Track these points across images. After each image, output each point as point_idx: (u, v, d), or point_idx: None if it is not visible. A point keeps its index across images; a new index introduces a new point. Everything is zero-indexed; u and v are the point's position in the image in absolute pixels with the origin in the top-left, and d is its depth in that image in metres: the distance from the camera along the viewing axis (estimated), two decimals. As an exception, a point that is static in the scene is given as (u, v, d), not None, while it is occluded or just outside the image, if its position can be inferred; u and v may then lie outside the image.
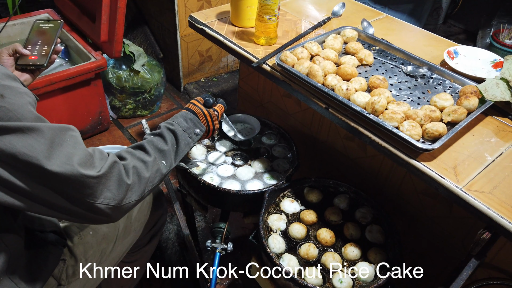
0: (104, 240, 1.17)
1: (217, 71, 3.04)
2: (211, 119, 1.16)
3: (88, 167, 0.80)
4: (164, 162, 0.99)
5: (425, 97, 1.25)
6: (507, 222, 0.89)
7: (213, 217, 2.08)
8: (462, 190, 0.96)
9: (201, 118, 1.13)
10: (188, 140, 1.07)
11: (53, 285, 1.05)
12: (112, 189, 0.84)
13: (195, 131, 1.09)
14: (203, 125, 1.12)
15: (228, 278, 1.82)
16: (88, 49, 2.17)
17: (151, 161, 0.94)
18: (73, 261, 1.10)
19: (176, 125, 1.06)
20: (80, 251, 1.12)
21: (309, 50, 1.38)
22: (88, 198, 0.81)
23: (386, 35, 1.56)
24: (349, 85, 1.20)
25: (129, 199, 0.88)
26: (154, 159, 0.96)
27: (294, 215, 1.33)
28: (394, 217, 1.35)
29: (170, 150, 1.01)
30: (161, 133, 1.03)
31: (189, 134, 1.07)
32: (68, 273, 1.08)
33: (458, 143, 1.09)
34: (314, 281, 1.13)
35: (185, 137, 1.06)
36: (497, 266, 1.23)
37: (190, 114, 1.11)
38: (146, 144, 0.98)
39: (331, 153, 1.68)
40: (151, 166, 0.94)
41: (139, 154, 0.95)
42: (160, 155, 0.99)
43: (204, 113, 1.14)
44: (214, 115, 1.17)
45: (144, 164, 0.93)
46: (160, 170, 0.97)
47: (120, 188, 0.86)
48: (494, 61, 1.39)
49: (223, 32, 1.57)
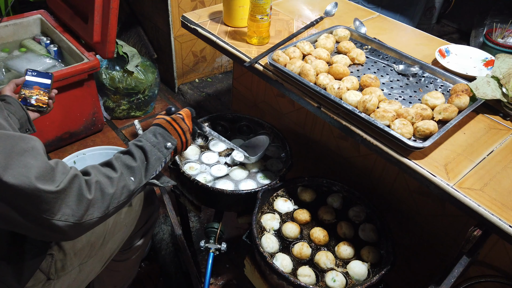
0: (93, 234, 1.16)
1: (211, 71, 3.04)
2: (176, 124, 1.10)
3: (47, 181, 0.77)
4: (132, 178, 0.96)
5: (417, 96, 1.26)
6: (497, 219, 0.90)
7: (207, 218, 2.08)
8: (453, 187, 0.96)
9: (166, 127, 1.08)
10: (159, 155, 1.03)
11: (42, 280, 1.04)
12: (71, 205, 0.81)
13: (166, 145, 1.05)
14: (174, 138, 1.08)
15: (222, 278, 1.82)
16: (81, 50, 2.16)
17: (117, 177, 0.91)
18: (62, 255, 1.08)
19: (145, 141, 1.02)
20: (69, 245, 1.10)
21: (301, 50, 1.39)
22: (45, 214, 0.78)
23: (378, 34, 1.57)
24: (340, 84, 1.20)
25: (90, 215, 0.85)
26: (121, 174, 0.93)
27: (288, 215, 1.33)
28: (387, 215, 1.36)
29: (139, 166, 0.98)
30: (129, 150, 1.00)
31: (159, 149, 1.03)
32: (57, 267, 1.07)
33: (449, 141, 1.10)
34: (307, 280, 1.13)
35: (155, 152, 1.02)
36: (490, 264, 1.24)
37: (159, 128, 1.07)
38: (113, 160, 0.95)
39: (324, 153, 1.68)
40: (117, 182, 0.91)
41: (104, 170, 0.92)
42: (128, 171, 0.95)
43: (168, 120, 1.10)
44: (178, 117, 1.12)
45: (109, 180, 0.90)
46: (127, 186, 0.93)
47: (80, 204, 0.82)
48: (485, 59, 1.40)
49: (215, 32, 1.56)
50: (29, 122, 1.15)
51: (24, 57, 2.26)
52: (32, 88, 1.23)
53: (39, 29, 2.46)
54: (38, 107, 1.22)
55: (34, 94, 1.22)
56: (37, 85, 1.24)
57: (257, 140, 1.48)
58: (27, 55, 2.28)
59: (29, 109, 1.21)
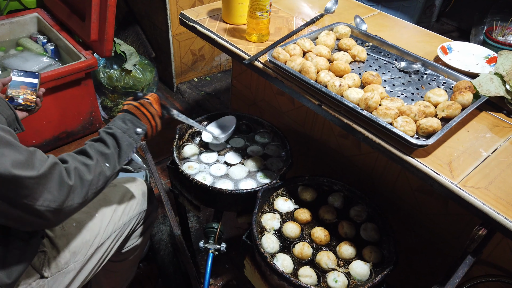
0: (87, 232, 1.15)
1: (210, 70, 3.01)
2: (144, 108, 1.12)
3: (26, 168, 0.78)
4: (107, 164, 0.98)
5: (419, 93, 1.24)
6: (503, 218, 0.88)
7: (207, 218, 2.06)
8: (457, 186, 0.94)
9: (135, 112, 1.10)
10: (130, 141, 1.05)
11: (36, 278, 1.03)
12: (52, 191, 0.82)
13: (136, 131, 1.07)
14: (143, 124, 1.10)
15: (222, 278, 1.80)
16: (78, 49, 2.13)
17: (93, 164, 0.93)
18: (55, 252, 1.08)
19: (115, 128, 1.04)
20: (63, 243, 1.10)
21: (302, 47, 1.37)
22: (26, 200, 0.79)
23: (379, 32, 1.55)
24: (342, 81, 1.18)
25: (71, 201, 0.87)
26: (97, 161, 0.95)
27: (288, 214, 1.31)
28: (389, 215, 1.34)
29: (112, 153, 1.00)
30: (101, 138, 1.01)
31: (129, 135, 1.05)
32: (50, 265, 1.06)
33: (453, 138, 1.08)
34: (308, 280, 1.11)
35: (126, 138, 1.04)
36: (493, 263, 1.22)
37: (128, 115, 1.09)
38: (87, 148, 0.97)
39: (325, 151, 1.66)
40: (94, 169, 0.93)
41: (80, 158, 0.93)
42: (102, 158, 0.97)
43: (135, 105, 1.12)
44: (146, 102, 1.14)
45: (86, 167, 0.92)
46: (103, 172, 0.96)
47: (61, 190, 0.84)
48: (488, 56, 1.38)
49: (214, 29, 1.54)
50: (17, 121, 1.15)
51: (21, 56, 2.23)
52: (19, 88, 1.23)
53: (36, 27, 2.43)
54: (26, 106, 1.23)
55: (21, 94, 1.23)
56: (24, 84, 1.25)
57: (224, 120, 1.55)
58: (24, 54, 2.25)
59: (17, 108, 1.22)
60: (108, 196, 1.25)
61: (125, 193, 1.28)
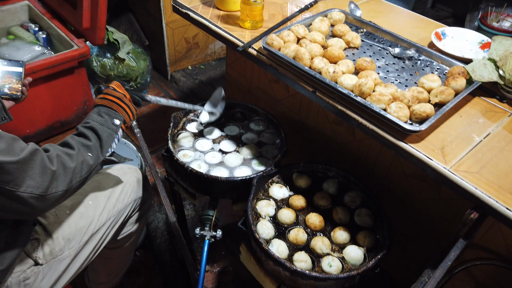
0: (82, 219, 1.16)
1: (204, 58, 2.99)
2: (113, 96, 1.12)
3: (7, 154, 0.78)
4: (90, 154, 0.98)
5: (413, 79, 1.24)
6: (494, 202, 0.89)
7: (203, 205, 2.07)
8: (449, 170, 0.95)
9: (113, 106, 1.10)
10: (110, 132, 1.06)
11: (30, 265, 1.04)
12: (35, 177, 0.82)
13: (114, 121, 1.08)
14: (120, 114, 1.11)
15: (218, 265, 1.82)
16: (71, 37, 2.11)
17: (75, 153, 0.94)
18: (49, 239, 1.08)
19: (92, 121, 1.04)
20: (57, 230, 1.10)
21: (296, 33, 1.36)
22: (9, 186, 0.79)
23: (374, 18, 1.54)
24: (336, 67, 1.18)
25: (55, 188, 0.87)
26: (79, 150, 0.95)
27: (283, 201, 1.32)
28: (383, 200, 1.35)
29: (94, 144, 1.00)
30: (80, 132, 1.02)
31: (108, 126, 1.06)
32: (44, 252, 1.07)
33: (446, 124, 1.09)
34: (303, 265, 1.12)
35: (105, 129, 1.05)
36: (485, 247, 1.24)
37: (102, 108, 1.09)
38: (69, 139, 0.97)
39: (320, 138, 1.67)
40: (76, 157, 0.93)
41: (62, 148, 0.94)
42: (84, 148, 0.98)
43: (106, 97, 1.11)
44: (110, 90, 1.14)
45: (68, 156, 0.92)
46: (86, 161, 0.96)
47: (44, 176, 0.84)
48: (482, 42, 1.39)
49: (207, 16, 1.53)
50: (4, 110, 1.14)
51: (12, 45, 2.20)
52: (4, 77, 1.24)
53: (27, 15, 2.39)
54: (12, 95, 1.23)
55: (7, 83, 1.23)
56: (9, 74, 1.24)
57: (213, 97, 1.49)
58: (15, 43, 2.22)
59: (3, 98, 1.22)
60: (102, 184, 1.25)
61: (119, 181, 1.29)
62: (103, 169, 1.32)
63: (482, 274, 1.30)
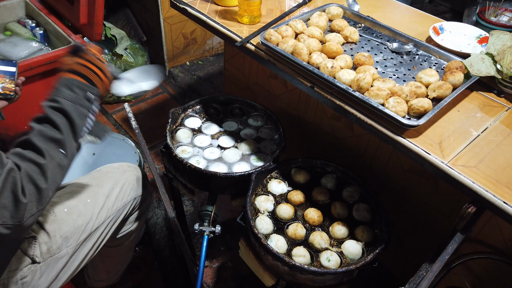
0: (80, 217, 1.14)
1: (202, 54, 2.99)
2: (90, 63, 0.97)
3: None
4: (62, 150, 0.87)
5: (411, 74, 1.24)
6: (491, 196, 0.90)
7: (202, 201, 2.07)
8: (447, 165, 0.96)
9: (89, 75, 0.96)
10: (83, 111, 0.92)
11: (27, 263, 1.03)
12: (8, 207, 0.77)
13: (87, 96, 0.93)
14: (94, 87, 0.96)
15: (217, 260, 1.82)
16: (68, 33, 2.10)
17: (46, 163, 0.83)
18: (46, 238, 1.07)
19: (62, 99, 0.90)
20: (54, 228, 1.08)
21: (294, 28, 1.36)
22: None
23: (372, 12, 1.54)
24: (334, 62, 1.18)
25: (30, 212, 0.80)
26: (49, 157, 0.84)
27: (282, 196, 1.32)
28: (381, 195, 1.35)
29: (65, 135, 0.88)
30: (48, 117, 0.87)
31: (81, 104, 0.91)
32: (42, 250, 1.05)
33: (444, 118, 1.09)
34: (302, 260, 1.13)
35: (77, 108, 0.91)
36: (483, 241, 1.25)
37: (72, 79, 0.94)
38: (34, 139, 0.84)
39: (318, 134, 1.67)
40: (48, 169, 0.83)
41: (30, 156, 0.82)
42: (55, 145, 0.86)
43: (79, 62, 0.97)
44: (91, 56, 0.99)
45: (39, 169, 0.82)
46: (60, 163, 0.86)
47: (17, 207, 0.78)
48: (480, 36, 1.39)
49: (205, 11, 1.52)
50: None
51: (9, 41, 2.19)
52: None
53: (24, 11, 2.38)
54: (5, 95, 1.22)
55: (0, 83, 1.21)
56: (2, 73, 1.23)
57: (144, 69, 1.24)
58: (12, 39, 2.21)
59: None
60: (101, 182, 1.24)
61: (119, 179, 1.27)
62: (102, 167, 1.32)
63: (479, 268, 1.31)
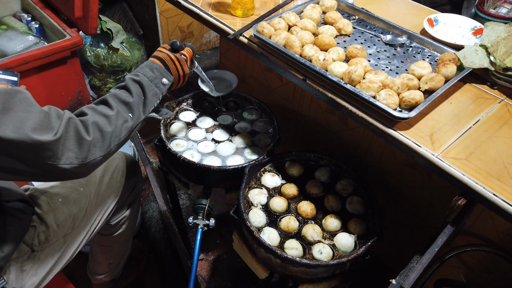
0: (75, 206, 1.17)
1: (199, 47, 2.98)
2: (180, 65, 1.13)
3: (44, 131, 0.79)
4: (130, 114, 0.97)
5: (404, 66, 1.24)
6: (481, 188, 0.90)
7: (198, 195, 2.08)
8: (437, 157, 0.96)
9: (169, 64, 1.10)
10: (156, 91, 1.05)
11: (26, 252, 1.05)
12: (72, 148, 0.84)
13: (162, 81, 1.06)
14: (170, 74, 1.10)
15: (213, 253, 1.83)
16: (63, 26, 2.09)
17: (114, 114, 0.93)
18: (44, 227, 1.10)
19: (142, 75, 1.03)
20: (51, 218, 1.12)
21: (287, 21, 1.35)
22: (50, 161, 0.81)
23: (367, 4, 1.53)
24: (326, 55, 1.18)
25: (93, 155, 0.88)
26: (118, 112, 0.94)
27: (275, 189, 1.32)
28: (375, 188, 1.36)
29: (136, 101, 0.99)
30: (126, 85, 1.00)
31: (156, 84, 1.05)
32: (40, 239, 1.08)
33: (436, 111, 1.08)
34: (294, 253, 1.13)
35: (152, 87, 1.04)
36: (476, 233, 1.25)
37: (156, 63, 1.08)
38: (109, 98, 0.96)
39: (312, 127, 1.67)
40: (115, 120, 0.93)
41: (101, 109, 0.93)
42: (125, 108, 0.97)
43: (172, 58, 1.11)
44: (183, 59, 1.14)
45: (106, 119, 0.92)
46: (126, 123, 0.96)
47: (81, 147, 0.85)
48: (474, 28, 1.37)
49: (198, 4, 1.52)
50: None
51: (5, 35, 2.18)
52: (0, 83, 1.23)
53: (19, 5, 2.37)
54: None
55: None
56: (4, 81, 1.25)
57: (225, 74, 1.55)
58: (8, 33, 2.20)
59: None
60: None
61: (108, 167, 1.30)
62: None
63: (472, 260, 1.31)
